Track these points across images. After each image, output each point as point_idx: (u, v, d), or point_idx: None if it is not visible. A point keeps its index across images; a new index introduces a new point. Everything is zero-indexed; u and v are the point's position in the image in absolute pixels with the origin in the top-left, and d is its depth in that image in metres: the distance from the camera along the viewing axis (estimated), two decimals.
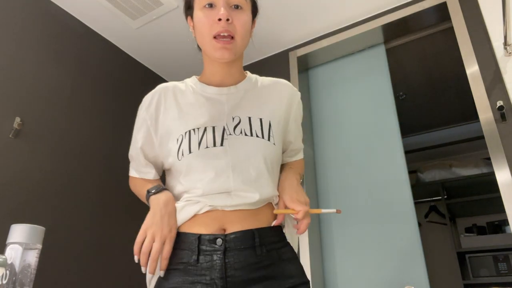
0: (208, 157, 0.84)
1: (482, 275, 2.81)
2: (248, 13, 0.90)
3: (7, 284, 0.61)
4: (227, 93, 0.93)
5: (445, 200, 3.07)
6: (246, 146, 0.85)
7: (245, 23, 0.87)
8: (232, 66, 0.93)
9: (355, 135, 2.10)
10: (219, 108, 0.90)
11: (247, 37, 0.90)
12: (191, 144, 0.85)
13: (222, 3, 0.85)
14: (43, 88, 1.88)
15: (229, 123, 0.88)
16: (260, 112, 0.91)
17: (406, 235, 1.78)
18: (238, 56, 0.91)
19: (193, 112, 0.90)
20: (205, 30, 0.86)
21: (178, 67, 2.59)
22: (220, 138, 0.85)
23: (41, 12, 1.97)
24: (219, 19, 0.83)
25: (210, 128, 0.86)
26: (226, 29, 0.84)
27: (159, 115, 0.94)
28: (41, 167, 1.78)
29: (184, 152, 0.85)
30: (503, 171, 1.50)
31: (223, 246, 0.79)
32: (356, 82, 2.22)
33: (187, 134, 0.86)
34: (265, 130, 0.88)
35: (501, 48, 1.51)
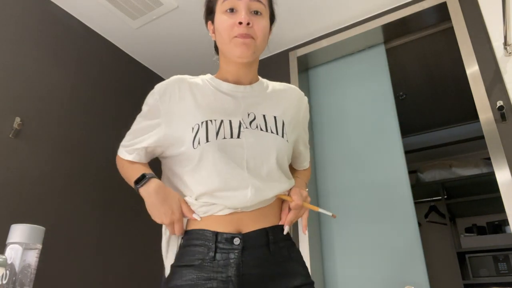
0: (225, 147, 0.86)
1: (482, 275, 2.81)
2: (267, 19, 0.95)
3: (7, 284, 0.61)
4: (243, 91, 0.96)
5: (445, 200, 3.08)
6: (262, 140, 0.89)
7: (263, 28, 0.92)
8: (249, 68, 0.97)
9: (355, 135, 2.10)
10: (235, 103, 0.93)
11: (265, 41, 0.95)
12: (208, 133, 0.86)
13: (244, 8, 0.90)
14: (43, 88, 1.88)
15: (245, 118, 0.91)
16: (273, 111, 0.95)
17: (406, 235, 1.78)
18: (256, 56, 0.95)
19: (210, 103, 0.92)
20: (226, 32, 0.90)
21: (178, 67, 2.59)
22: (237, 131, 0.88)
23: (41, 12, 1.97)
24: (240, 22, 0.88)
25: (227, 121, 0.89)
26: (247, 32, 0.88)
27: (173, 103, 0.93)
28: (41, 167, 1.78)
29: (201, 141, 0.86)
30: (503, 171, 1.50)
31: (241, 245, 0.82)
32: (356, 82, 2.22)
33: (204, 124, 0.88)
34: (279, 127, 0.93)
35: (501, 48, 1.51)
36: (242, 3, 0.90)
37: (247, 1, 0.90)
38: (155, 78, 2.62)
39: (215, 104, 0.92)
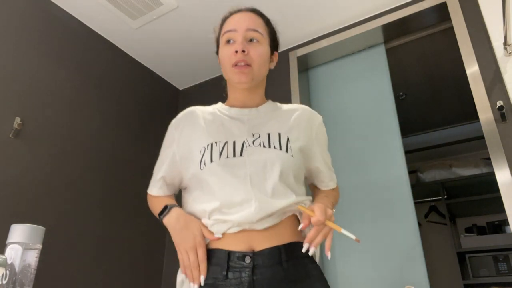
0: (228, 166, 0.90)
1: (482, 275, 2.81)
2: (265, 46, 1.01)
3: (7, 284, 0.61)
4: (248, 114, 1.02)
5: (445, 200, 3.07)
6: (264, 155, 0.92)
7: (260, 53, 0.98)
8: (253, 92, 1.03)
9: (355, 135, 2.10)
10: (240, 126, 0.99)
11: (264, 65, 1.00)
12: (212, 154, 0.92)
13: (240, 38, 0.97)
14: (43, 88, 1.88)
15: (249, 138, 0.95)
16: (278, 129, 0.98)
17: (406, 235, 1.78)
18: (256, 81, 1.00)
19: (216, 128, 0.99)
20: (226, 61, 0.98)
21: (178, 67, 2.59)
22: (240, 149, 0.93)
23: (41, 12, 1.97)
24: (236, 51, 0.95)
25: (231, 142, 0.94)
26: (243, 59, 0.95)
27: (185, 131, 1.02)
28: (41, 167, 1.78)
29: (206, 162, 0.92)
30: (503, 171, 1.50)
31: (251, 263, 0.83)
32: (356, 82, 2.22)
33: (209, 146, 0.94)
34: (283, 143, 0.94)
35: (501, 48, 1.51)
36: (239, 34, 0.97)
37: (243, 32, 0.97)
38: (155, 78, 2.63)
39: (221, 128, 0.98)
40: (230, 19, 1.02)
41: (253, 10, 1.05)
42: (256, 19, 1.02)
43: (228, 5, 2.25)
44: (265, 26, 1.04)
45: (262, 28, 1.02)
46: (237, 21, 1.00)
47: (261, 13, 1.07)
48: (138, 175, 2.25)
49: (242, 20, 1.00)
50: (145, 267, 2.14)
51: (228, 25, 1.01)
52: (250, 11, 1.04)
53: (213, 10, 2.10)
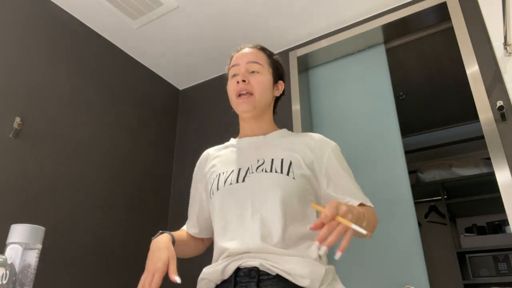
0: (231, 191, 0.97)
1: (482, 275, 2.81)
2: (266, 75, 1.09)
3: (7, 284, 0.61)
4: (256, 141, 1.09)
5: (445, 200, 3.08)
6: (265, 180, 0.96)
7: (261, 82, 1.06)
8: (259, 119, 1.10)
9: (355, 135, 2.10)
10: (247, 154, 1.05)
11: (265, 93, 1.07)
12: (219, 182, 1.01)
13: (242, 71, 1.07)
14: (43, 88, 1.88)
15: (254, 164, 1.00)
16: (283, 154, 1.01)
17: (406, 235, 1.78)
18: (259, 109, 1.07)
19: (226, 160, 1.07)
20: (231, 92, 1.08)
21: (178, 67, 2.59)
22: (243, 176, 0.99)
23: (41, 12, 1.97)
24: (237, 81, 1.05)
25: (236, 169, 1.01)
26: (244, 88, 1.04)
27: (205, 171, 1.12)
28: (41, 167, 1.78)
29: (214, 191, 1.01)
30: (503, 171, 1.50)
31: (257, 278, 0.86)
32: (356, 82, 2.22)
33: (217, 176, 1.03)
34: (285, 167, 0.97)
35: (501, 48, 1.51)
36: (241, 67, 1.07)
37: (244, 65, 1.07)
38: (155, 78, 2.63)
39: (231, 159, 1.06)
40: (235, 56, 1.12)
41: (255, 46, 1.14)
42: (257, 52, 1.11)
43: (228, 5, 2.25)
44: (266, 58, 1.12)
45: (263, 60, 1.10)
46: (240, 56, 1.10)
47: (263, 48, 1.15)
48: (138, 175, 2.25)
49: (244, 55, 1.10)
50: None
51: (233, 61, 1.12)
52: (252, 47, 1.13)
53: (213, 10, 2.10)
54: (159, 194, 2.39)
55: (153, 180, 2.36)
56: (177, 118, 2.73)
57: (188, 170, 2.50)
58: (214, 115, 2.53)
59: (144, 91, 2.50)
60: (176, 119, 2.72)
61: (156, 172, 2.38)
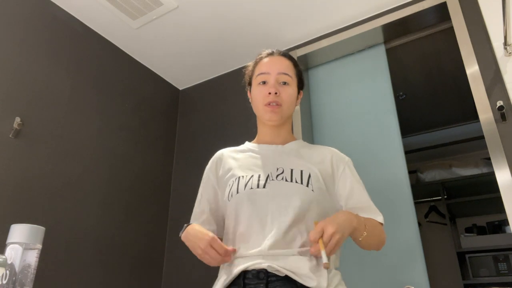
0: (252, 196, 0.98)
1: (482, 275, 2.81)
2: (294, 87, 1.13)
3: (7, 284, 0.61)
4: (274, 150, 1.11)
5: (445, 200, 3.07)
6: (286, 189, 0.98)
7: (290, 95, 1.10)
8: (280, 128, 1.13)
9: (355, 135, 2.10)
10: (266, 160, 1.07)
11: (292, 105, 1.12)
12: (239, 186, 1.02)
13: (273, 81, 1.09)
14: (43, 88, 1.88)
15: (273, 171, 1.02)
16: (301, 166, 1.04)
17: (406, 235, 1.78)
18: (284, 119, 1.11)
19: (245, 164, 1.09)
20: (259, 100, 1.10)
21: (178, 67, 2.59)
22: (264, 182, 1.00)
23: (41, 12, 1.97)
24: (269, 92, 1.07)
25: (256, 174, 1.03)
26: (275, 100, 1.07)
27: (219, 171, 1.13)
28: (41, 167, 1.78)
29: (233, 194, 1.01)
30: (503, 171, 1.50)
31: (265, 279, 0.87)
32: (356, 82, 2.22)
33: (237, 179, 1.04)
34: (305, 178, 1.00)
35: (501, 48, 1.51)
36: (272, 77, 1.09)
37: (275, 75, 1.09)
38: (155, 78, 2.62)
39: (249, 163, 1.08)
40: (264, 62, 1.13)
41: (284, 54, 1.16)
42: (288, 63, 1.14)
43: (228, 5, 2.25)
44: (293, 68, 1.15)
45: (292, 71, 1.13)
46: (270, 64, 1.11)
47: (290, 56, 1.17)
48: (138, 175, 2.25)
49: (274, 63, 1.12)
50: (145, 267, 2.14)
51: (261, 67, 1.13)
52: (281, 55, 1.15)
53: (213, 10, 2.10)
54: (159, 194, 2.39)
55: (153, 180, 2.36)
56: (177, 118, 2.73)
57: (188, 170, 2.51)
58: (214, 115, 2.53)
59: (144, 91, 2.50)
60: (176, 119, 2.72)
61: (156, 172, 2.38)
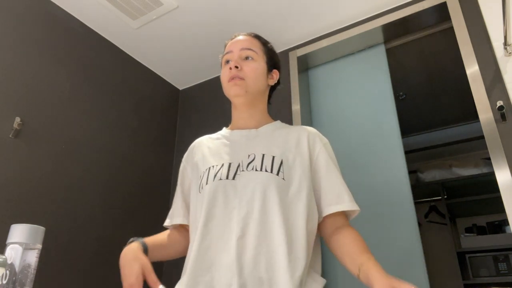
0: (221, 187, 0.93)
1: (482, 275, 2.81)
2: (260, 62, 1.07)
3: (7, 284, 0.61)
4: (247, 134, 1.05)
5: (445, 200, 3.07)
6: (254, 180, 0.92)
7: (254, 69, 1.04)
8: (253, 110, 1.08)
9: (355, 135, 2.10)
10: (238, 148, 1.02)
11: (258, 80, 1.05)
12: (209, 176, 0.96)
13: (235, 58, 1.05)
14: (43, 88, 1.88)
15: (245, 160, 0.97)
16: (274, 151, 0.98)
17: (406, 235, 1.78)
18: (251, 95, 1.04)
19: (217, 153, 1.03)
20: (223, 79, 1.06)
21: (178, 67, 2.59)
22: (234, 173, 0.95)
23: (41, 12, 1.97)
24: (230, 68, 1.03)
25: (227, 164, 0.97)
26: (236, 74, 1.02)
27: (194, 160, 1.08)
28: (41, 167, 1.78)
29: (203, 185, 0.96)
30: (503, 171, 1.50)
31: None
32: (356, 82, 2.22)
33: (208, 169, 0.99)
34: (275, 166, 0.94)
35: (501, 48, 1.51)
36: (235, 54, 1.06)
37: (238, 51, 1.06)
38: (155, 78, 2.62)
39: (221, 152, 1.03)
40: (229, 43, 1.11)
41: (250, 33, 1.13)
42: (251, 40, 1.10)
43: (228, 6, 2.25)
44: (260, 45, 1.10)
45: (257, 47, 1.09)
46: (234, 43, 1.09)
47: (257, 36, 1.13)
48: (138, 175, 2.25)
49: (238, 42, 1.09)
50: None
51: (226, 48, 1.10)
52: (246, 35, 1.12)
53: (213, 10, 2.10)
54: (159, 194, 2.39)
55: (153, 180, 2.36)
56: (177, 118, 2.73)
57: None
58: (214, 115, 2.53)
59: (144, 91, 2.50)
60: (176, 119, 2.72)
61: (156, 172, 2.38)
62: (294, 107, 2.17)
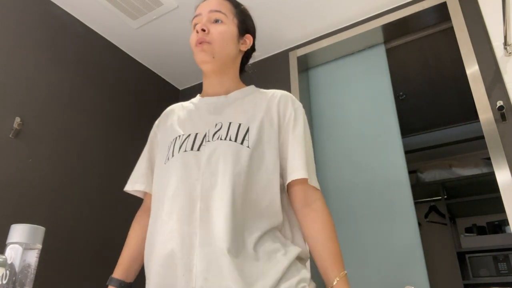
0: (184, 159, 0.88)
1: (482, 275, 2.81)
2: (229, 25, 0.99)
3: (7, 284, 0.61)
4: (216, 102, 0.99)
5: (445, 200, 3.07)
6: (217, 149, 0.87)
7: (222, 32, 0.97)
8: (222, 76, 1.01)
9: (355, 135, 2.10)
10: (205, 116, 0.96)
11: (227, 44, 0.98)
12: (174, 148, 0.91)
13: (203, 21, 0.98)
14: (43, 88, 1.88)
15: (211, 129, 0.92)
16: (241, 118, 0.93)
17: (406, 235, 1.78)
18: (219, 60, 0.97)
19: (184, 122, 0.98)
20: (192, 44, 0.98)
21: (178, 67, 2.59)
22: (199, 144, 0.90)
23: (41, 12, 1.97)
24: (197, 31, 0.96)
25: (193, 134, 0.92)
26: (203, 37, 0.95)
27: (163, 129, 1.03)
28: (41, 167, 1.78)
29: (170, 157, 0.91)
30: (503, 171, 1.51)
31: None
32: (356, 82, 2.22)
33: (174, 140, 0.94)
34: (241, 134, 0.89)
35: (501, 48, 1.51)
36: (203, 17, 0.98)
37: (206, 14, 0.98)
38: (155, 78, 2.63)
39: (188, 121, 0.97)
40: (198, 6, 1.03)
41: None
42: (221, 1, 1.01)
43: None
44: (231, 7, 1.02)
45: (227, 9, 1.01)
46: (202, 6, 1.01)
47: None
48: None
49: (207, 4, 1.01)
50: None
51: (195, 12, 1.02)
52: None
53: None
54: None
55: None
56: None
57: None
58: None
59: (144, 91, 2.50)
60: None
61: None
62: None
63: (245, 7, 1.07)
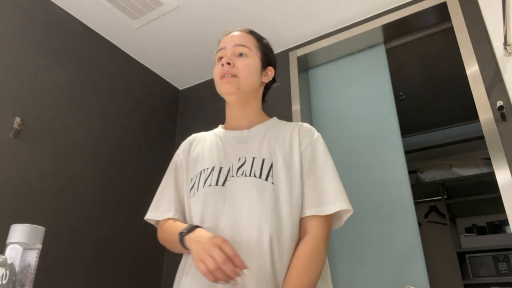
0: (210, 194, 0.91)
1: (482, 275, 2.81)
2: (254, 59, 1.04)
3: (7, 284, 0.61)
4: (240, 136, 1.02)
5: (445, 200, 3.08)
6: (243, 186, 0.90)
7: (247, 65, 1.01)
8: (245, 106, 1.05)
9: (355, 135, 2.10)
10: (229, 150, 0.99)
11: (251, 77, 1.02)
12: (200, 182, 0.95)
13: (228, 54, 1.02)
14: (43, 88, 1.88)
15: (235, 164, 0.95)
16: (265, 153, 0.95)
17: (406, 235, 1.78)
18: (243, 92, 1.01)
19: (209, 154, 1.01)
20: (216, 75, 1.03)
21: (178, 67, 2.59)
22: (224, 178, 0.93)
23: (41, 12, 1.97)
24: (222, 64, 1.00)
25: (217, 168, 0.95)
26: (228, 70, 0.99)
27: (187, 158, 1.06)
28: (41, 167, 1.78)
29: (195, 191, 0.95)
30: (503, 171, 1.50)
31: None
32: (356, 82, 2.22)
33: (199, 173, 0.97)
34: (265, 170, 0.92)
35: (501, 48, 1.51)
36: (228, 51, 1.03)
37: (231, 48, 1.03)
38: (155, 78, 2.62)
39: (213, 154, 1.00)
40: (223, 39, 1.08)
41: (244, 29, 1.09)
42: (245, 36, 1.07)
43: (228, 6, 2.25)
44: (255, 41, 1.07)
45: (251, 43, 1.05)
46: (227, 40, 1.06)
47: (252, 31, 1.10)
48: (138, 175, 2.25)
49: (231, 38, 1.06)
50: (145, 267, 2.14)
51: (220, 45, 1.07)
52: (240, 31, 1.08)
53: (213, 10, 2.10)
54: None
55: (153, 180, 2.35)
56: (177, 118, 2.73)
57: None
58: (214, 115, 2.53)
59: (144, 91, 2.50)
60: (176, 119, 2.72)
61: (156, 172, 2.38)
62: (294, 107, 2.17)
63: (267, 41, 1.12)
